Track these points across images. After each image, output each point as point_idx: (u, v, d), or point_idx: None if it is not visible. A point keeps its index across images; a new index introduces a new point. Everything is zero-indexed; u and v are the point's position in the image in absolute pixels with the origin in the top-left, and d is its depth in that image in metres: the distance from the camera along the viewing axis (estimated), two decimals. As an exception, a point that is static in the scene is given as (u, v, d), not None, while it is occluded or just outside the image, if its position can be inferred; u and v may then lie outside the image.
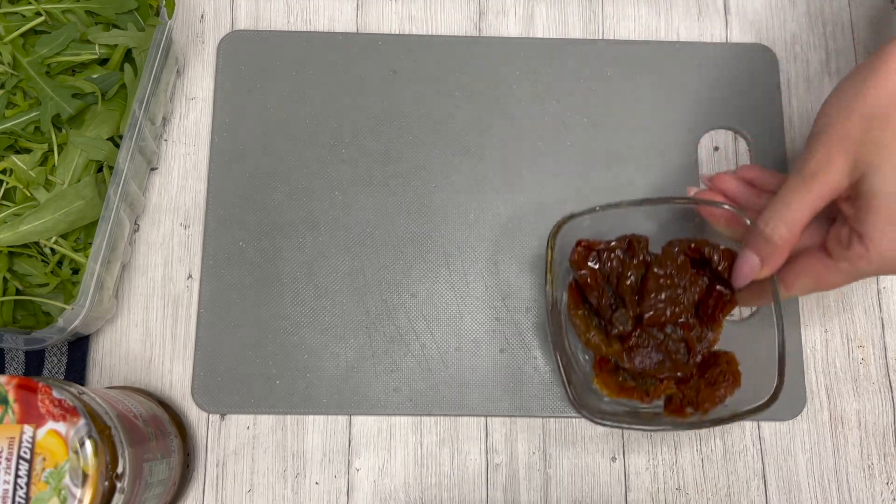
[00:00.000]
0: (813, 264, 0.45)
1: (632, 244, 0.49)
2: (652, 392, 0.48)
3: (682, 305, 0.48)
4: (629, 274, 0.49)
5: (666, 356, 0.48)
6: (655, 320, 0.48)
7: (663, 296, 0.48)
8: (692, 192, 0.51)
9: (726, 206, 0.48)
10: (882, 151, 0.41)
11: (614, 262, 0.49)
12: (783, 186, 0.44)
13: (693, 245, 0.48)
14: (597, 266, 0.49)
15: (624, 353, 0.48)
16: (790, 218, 0.43)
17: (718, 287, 0.48)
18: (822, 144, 0.43)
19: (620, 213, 0.49)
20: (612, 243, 0.50)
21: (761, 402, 0.46)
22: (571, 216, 0.48)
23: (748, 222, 0.47)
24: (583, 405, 0.46)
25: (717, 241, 0.48)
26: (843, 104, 0.43)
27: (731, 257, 0.48)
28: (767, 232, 0.44)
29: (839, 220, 0.45)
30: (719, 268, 0.48)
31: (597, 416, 0.46)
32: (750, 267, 0.45)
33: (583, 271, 0.49)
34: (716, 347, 0.50)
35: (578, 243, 0.49)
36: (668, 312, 0.48)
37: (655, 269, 0.48)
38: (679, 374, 0.48)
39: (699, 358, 0.48)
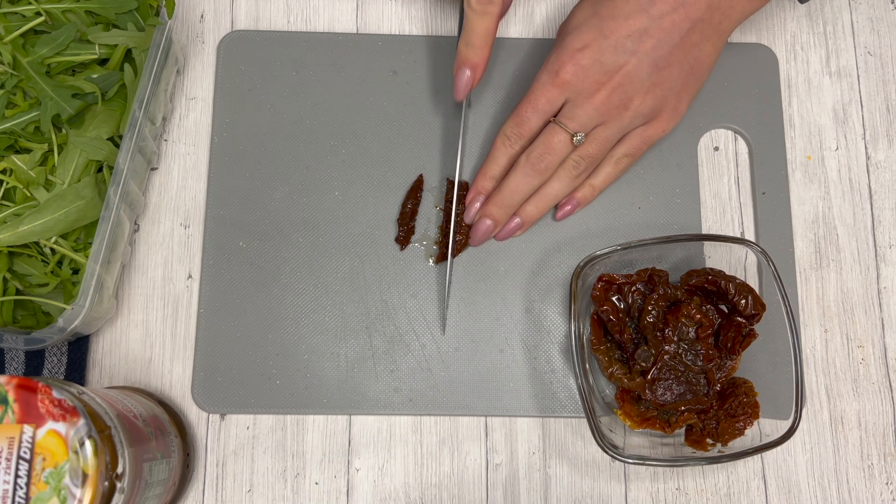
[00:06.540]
0: None
1: (652, 278, 0.50)
2: (674, 422, 0.49)
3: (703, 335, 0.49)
4: (650, 309, 0.49)
5: (687, 388, 0.49)
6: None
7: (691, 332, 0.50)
8: None
9: (752, 243, 0.50)
10: None
11: (635, 296, 0.50)
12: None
13: (710, 277, 0.50)
14: (618, 301, 0.50)
15: (646, 386, 0.49)
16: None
17: (738, 318, 0.49)
18: None
19: (644, 246, 0.51)
20: (633, 277, 0.50)
21: (779, 435, 0.47)
22: (594, 257, 0.50)
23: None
24: (608, 443, 0.47)
25: (732, 275, 0.50)
26: None
27: (747, 290, 0.49)
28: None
29: None
30: (735, 300, 0.49)
31: (621, 453, 0.47)
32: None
33: (605, 307, 0.50)
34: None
35: (600, 278, 0.50)
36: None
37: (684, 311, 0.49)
38: (699, 406, 0.49)
39: (718, 387, 0.49)
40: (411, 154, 0.56)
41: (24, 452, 0.37)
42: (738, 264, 0.52)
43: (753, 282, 0.53)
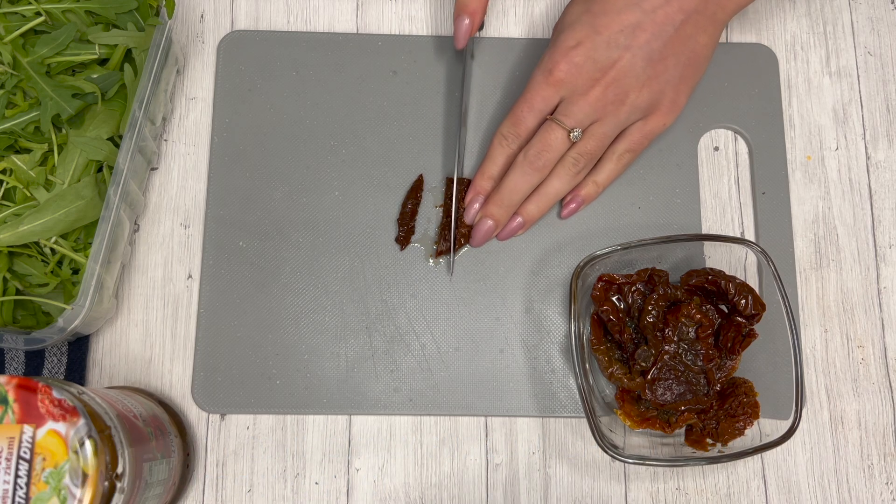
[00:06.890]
0: None
1: (652, 278, 0.50)
2: (674, 422, 0.49)
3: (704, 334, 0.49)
4: (651, 309, 0.49)
5: (687, 388, 0.49)
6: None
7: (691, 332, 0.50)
8: None
9: (752, 243, 0.50)
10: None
11: (635, 296, 0.50)
12: None
13: (710, 277, 0.50)
14: (618, 301, 0.50)
15: (646, 386, 0.49)
16: None
17: (738, 318, 0.49)
18: None
19: (644, 246, 0.50)
20: (633, 277, 0.50)
21: (779, 435, 0.47)
22: (594, 257, 0.50)
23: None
24: (608, 443, 0.47)
25: (732, 275, 0.50)
26: None
27: (747, 290, 0.49)
28: None
29: None
30: (735, 300, 0.49)
31: (621, 453, 0.47)
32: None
33: (604, 307, 0.50)
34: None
35: (600, 278, 0.50)
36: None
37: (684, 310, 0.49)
38: (699, 406, 0.49)
39: (718, 387, 0.49)
40: (411, 154, 0.56)
41: (24, 452, 0.37)
42: (738, 264, 0.52)
43: (753, 282, 0.53)
